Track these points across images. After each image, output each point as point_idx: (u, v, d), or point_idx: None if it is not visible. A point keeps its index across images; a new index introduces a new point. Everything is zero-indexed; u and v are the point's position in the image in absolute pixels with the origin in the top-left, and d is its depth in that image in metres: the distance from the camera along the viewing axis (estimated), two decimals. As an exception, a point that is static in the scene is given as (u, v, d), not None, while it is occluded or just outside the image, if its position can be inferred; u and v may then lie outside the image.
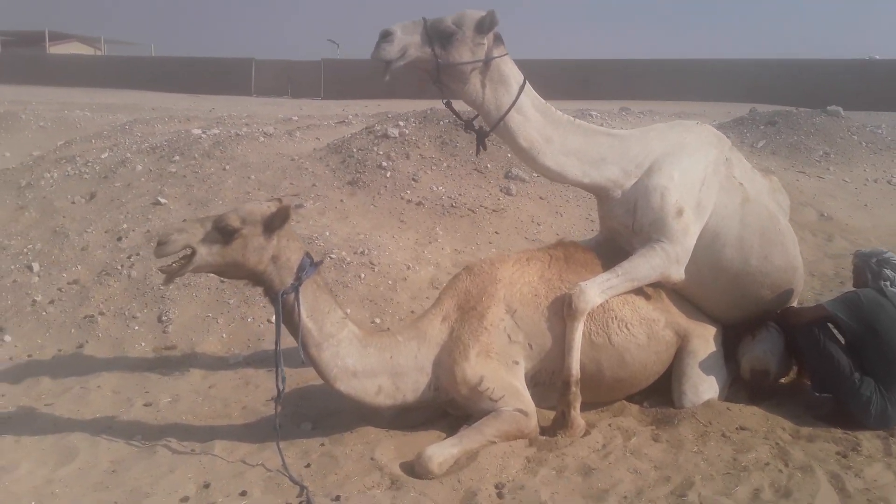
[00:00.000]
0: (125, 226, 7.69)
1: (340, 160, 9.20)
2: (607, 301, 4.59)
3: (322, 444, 4.37)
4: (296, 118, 17.83)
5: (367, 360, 4.28)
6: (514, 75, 4.56)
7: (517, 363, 4.48)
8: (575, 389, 4.41)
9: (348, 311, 5.13)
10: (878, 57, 39.59)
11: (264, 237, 4.02)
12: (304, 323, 4.13)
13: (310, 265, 4.18)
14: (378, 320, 6.13)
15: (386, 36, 4.22)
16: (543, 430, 4.47)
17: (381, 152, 9.14)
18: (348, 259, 6.78)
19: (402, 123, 9.88)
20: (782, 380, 5.10)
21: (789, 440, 4.37)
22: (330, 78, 40.66)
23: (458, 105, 4.71)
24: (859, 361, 4.53)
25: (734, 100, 28.33)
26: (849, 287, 7.05)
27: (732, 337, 5.02)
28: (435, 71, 4.39)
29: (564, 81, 33.79)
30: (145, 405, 4.95)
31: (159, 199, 8.28)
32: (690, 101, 27.99)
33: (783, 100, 24.71)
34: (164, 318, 6.09)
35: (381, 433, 4.46)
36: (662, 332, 4.72)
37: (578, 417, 4.44)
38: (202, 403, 4.98)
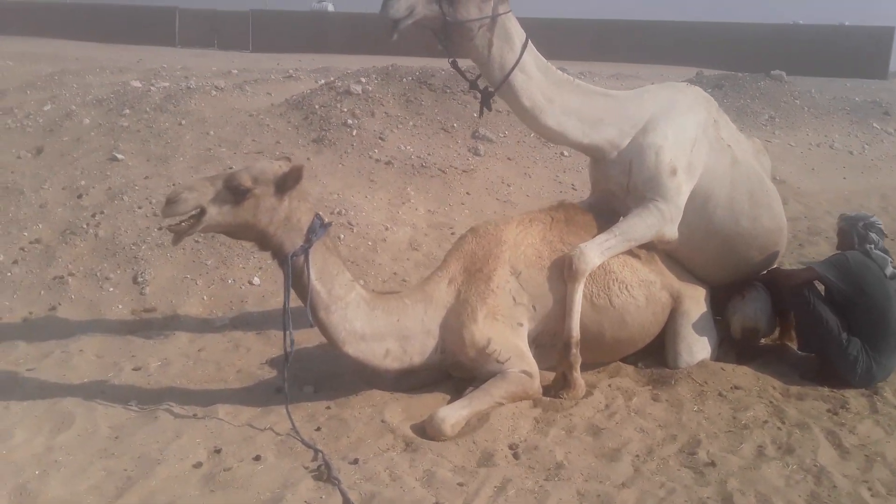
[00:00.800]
0: (83, 182, 7.35)
1: (303, 117, 8.98)
2: (608, 263, 4.65)
3: (328, 408, 4.34)
4: (235, 71, 17.28)
5: (375, 322, 4.24)
6: (518, 33, 4.50)
7: (521, 325, 4.52)
8: (576, 351, 4.48)
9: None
10: (801, 22, 40.91)
11: (276, 198, 3.92)
12: (314, 285, 4.05)
13: (320, 227, 4.10)
14: (361, 282, 6.04)
15: None
16: (545, 391, 4.54)
17: (346, 109, 8.96)
18: (326, 220, 6.65)
19: (363, 80, 9.70)
20: (764, 340, 5.29)
21: (781, 399, 4.56)
22: (259, 30, 39.54)
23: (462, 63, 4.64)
24: (846, 322, 4.72)
25: (670, 62, 28.87)
26: (809, 250, 7.39)
27: (720, 298, 5.17)
28: (442, 29, 4.30)
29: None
30: (134, 369, 4.79)
31: (115, 154, 7.92)
32: (629, 62, 28.26)
33: (723, 64, 25.31)
34: (139, 279, 5.88)
35: (387, 396, 4.45)
36: (659, 294, 4.83)
37: (580, 378, 4.51)
38: (194, 367, 4.86)
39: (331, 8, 44.23)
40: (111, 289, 5.80)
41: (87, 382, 4.58)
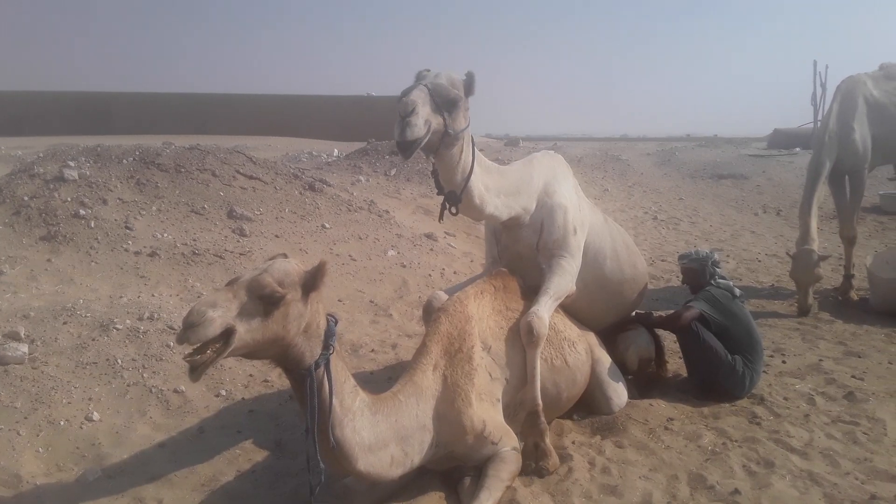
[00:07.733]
0: None
1: (12, 212, 7.32)
2: (555, 324, 4.70)
3: (335, 542, 3.65)
4: None
5: (378, 428, 3.68)
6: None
7: (499, 400, 4.32)
8: (542, 418, 4.41)
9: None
10: (374, 94, 44.43)
11: (302, 302, 3.23)
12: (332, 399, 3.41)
13: (334, 327, 3.47)
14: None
15: (412, 111, 3.71)
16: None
17: (69, 199, 7.52)
18: (142, 328, 5.53)
19: (72, 164, 8.22)
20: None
21: (707, 420, 4.99)
22: None
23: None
24: (726, 346, 5.37)
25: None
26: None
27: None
28: (439, 141, 3.99)
29: (82, 116, 31.63)
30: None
31: None
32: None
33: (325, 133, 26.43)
34: (-71, 444, 4.27)
35: (384, 511, 3.89)
36: (587, 346, 4.98)
37: (550, 445, 4.44)
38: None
39: None
40: None
41: None
